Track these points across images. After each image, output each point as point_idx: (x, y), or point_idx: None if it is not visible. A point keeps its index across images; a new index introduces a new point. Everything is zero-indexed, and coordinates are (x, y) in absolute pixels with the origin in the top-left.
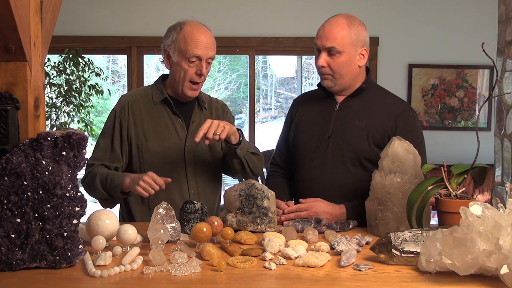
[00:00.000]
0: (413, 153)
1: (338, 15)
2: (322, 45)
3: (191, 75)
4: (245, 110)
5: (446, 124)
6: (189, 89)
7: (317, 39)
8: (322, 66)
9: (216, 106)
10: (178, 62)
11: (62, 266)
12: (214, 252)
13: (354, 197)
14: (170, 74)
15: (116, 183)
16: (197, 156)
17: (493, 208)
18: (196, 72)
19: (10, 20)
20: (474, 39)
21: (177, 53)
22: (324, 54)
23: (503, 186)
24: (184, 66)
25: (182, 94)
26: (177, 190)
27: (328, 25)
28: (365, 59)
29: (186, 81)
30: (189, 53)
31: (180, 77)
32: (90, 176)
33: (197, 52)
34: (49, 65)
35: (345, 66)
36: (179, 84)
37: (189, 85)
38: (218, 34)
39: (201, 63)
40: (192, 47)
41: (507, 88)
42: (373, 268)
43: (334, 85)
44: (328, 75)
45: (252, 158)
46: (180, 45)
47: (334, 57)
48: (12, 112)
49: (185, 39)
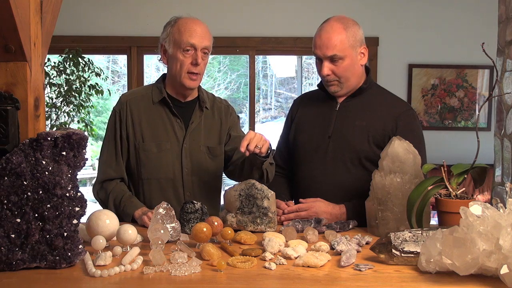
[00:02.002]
0: (413, 153)
1: (331, 20)
2: (323, 55)
3: (187, 65)
4: (245, 110)
5: (446, 124)
6: (188, 79)
7: (316, 49)
8: (327, 75)
9: (219, 107)
10: (174, 54)
11: (62, 266)
12: (214, 252)
13: (354, 197)
14: (168, 70)
15: (128, 212)
16: (194, 158)
17: (493, 208)
18: (191, 62)
19: (10, 20)
20: (474, 39)
21: (172, 44)
22: (327, 63)
23: (503, 186)
24: (180, 57)
25: (182, 86)
26: (172, 191)
27: (325, 33)
28: (365, 56)
29: (183, 72)
30: (183, 43)
31: (176, 69)
32: (103, 192)
33: (191, 40)
34: (49, 65)
35: (349, 69)
36: (176, 77)
37: (187, 75)
38: (218, 34)
39: (196, 52)
40: (186, 36)
41: (507, 88)
42: (373, 268)
43: (341, 89)
44: (334, 81)
45: (271, 168)
46: (175, 36)
47: (337, 63)
48: (12, 112)
49: (179, 30)
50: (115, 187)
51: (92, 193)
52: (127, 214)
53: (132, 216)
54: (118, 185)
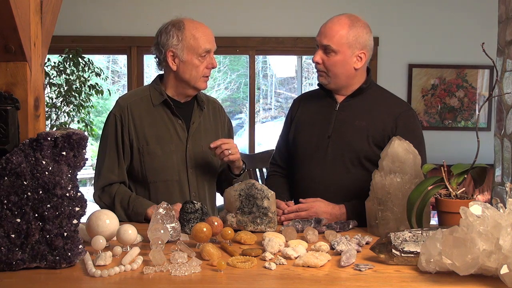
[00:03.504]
0: (413, 153)
1: (343, 14)
2: (320, 42)
3: (203, 70)
4: (245, 110)
5: (446, 124)
6: (203, 82)
7: (317, 35)
8: (317, 62)
9: (214, 107)
10: (189, 60)
11: (62, 266)
12: (214, 252)
13: (354, 197)
14: (178, 74)
15: (139, 212)
16: (198, 157)
17: (493, 208)
18: (207, 66)
19: (10, 20)
20: (474, 39)
21: (186, 51)
22: (320, 51)
23: (503, 186)
24: (196, 63)
25: (194, 89)
26: (178, 192)
27: (330, 23)
28: (362, 62)
29: (199, 76)
30: (201, 49)
31: (192, 74)
32: (107, 196)
33: (208, 46)
34: (49, 65)
35: (338, 66)
36: (191, 82)
37: (202, 79)
38: (218, 34)
39: (210, 56)
40: (203, 42)
41: (507, 88)
42: (373, 268)
43: (329, 83)
44: (322, 72)
45: None
46: (190, 42)
47: (329, 55)
48: (12, 112)
49: (193, 36)
50: (118, 189)
51: (93, 198)
52: (138, 213)
53: (144, 215)
54: (120, 187)
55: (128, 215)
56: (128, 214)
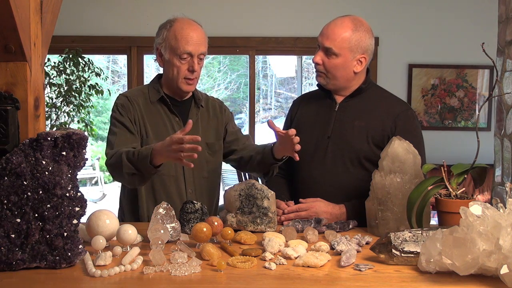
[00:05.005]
0: (413, 153)
1: (347, 17)
2: (321, 43)
3: (184, 71)
4: (245, 110)
5: (446, 124)
6: (185, 84)
7: (319, 36)
8: (317, 63)
9: (213, 104)
10: (170, 60)
11: (62, 266)
12: (214, 252)
13: (354, 197)
14: (164, 73)
15: (145, 154)
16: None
17: (493, 208)
18: (188, 68)
19: (10, 20)
20: (474, 39)
21: (168, 50)
22: (321, 52)
23: (503, 186)
24: (176, 63)
25: (179, 90)
26: (174, 187)
27: (333, 25)
28: (362, 65)
29: (180, 78)
30: (180, 50)
31: (173, 74)
32: (115, 157)
33: (188, 48)
34: (49, 65)
35: (339, 69)
36: (173, 82)
37: (184, 80)
38: (218, 34)
39: (192, 59)
40: (183, 44)
41: (507, 88)
42: (373, 268)
43: (327, 84)
44: (321, 73)
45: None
46: (171, 43)
47: (330, 57)
48: (12, 112)
49: (175, 36)
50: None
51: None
52: (144, 156)
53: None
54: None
55: (135, 165)
56: (136, 165)
